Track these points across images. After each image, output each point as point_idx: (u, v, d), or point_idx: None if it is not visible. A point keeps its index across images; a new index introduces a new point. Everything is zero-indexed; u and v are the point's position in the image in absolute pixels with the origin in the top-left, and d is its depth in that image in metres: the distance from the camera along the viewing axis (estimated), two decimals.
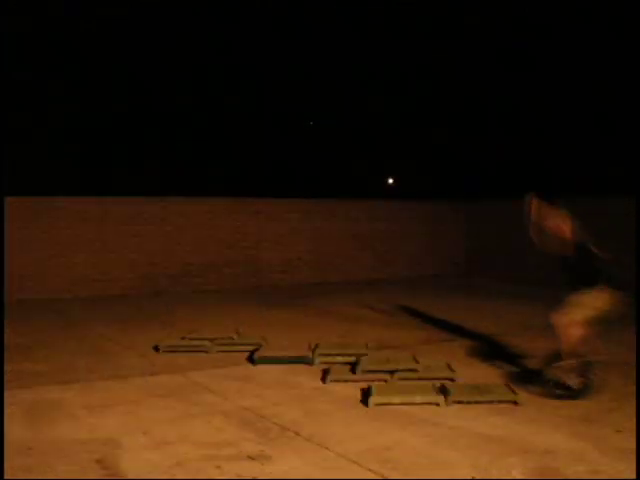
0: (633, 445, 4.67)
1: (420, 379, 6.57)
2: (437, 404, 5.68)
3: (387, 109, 26.07)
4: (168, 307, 12.30)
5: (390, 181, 31.70)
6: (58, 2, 20.94)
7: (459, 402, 5.73)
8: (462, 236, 19.16)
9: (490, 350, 8.20)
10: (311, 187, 22.48)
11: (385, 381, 6.50)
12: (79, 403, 5.87)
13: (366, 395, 5.88)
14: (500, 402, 5.75)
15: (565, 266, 5.90)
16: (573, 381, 5.90)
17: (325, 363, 7.25)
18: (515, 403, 5.72)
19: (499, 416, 5.42)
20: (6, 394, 5.99)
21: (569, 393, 5.91)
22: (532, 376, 6.41)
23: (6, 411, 5.38)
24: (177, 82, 24.30)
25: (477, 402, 5.74)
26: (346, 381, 6.56)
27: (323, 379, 6.63)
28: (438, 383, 6.21)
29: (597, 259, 5.74)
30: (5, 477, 4.11)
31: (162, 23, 23.33)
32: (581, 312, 5.71)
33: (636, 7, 17.96)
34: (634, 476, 4.19)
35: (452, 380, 6.47)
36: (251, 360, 7.52)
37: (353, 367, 6.87)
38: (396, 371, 6.68)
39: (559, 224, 5.86)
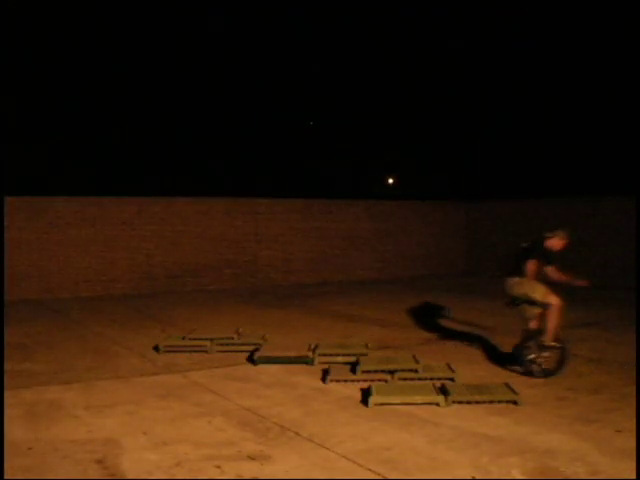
0: (633, 445, 4.67)
1: (420, 379, 6.57)
2: (437, 404, 5.68)
3: (387, 109, 26.06)
4: (168, 307, 12.30)
5: (390, 181, 31.71)
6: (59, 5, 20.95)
7: (459, 402, 5.73)
8: (462, 236, 19.16)
9: (490, 350, 8.19)
10: (311, 187, 22.48)
11: (385, 381, 6.49)
12: (79, 403, 5.87)
13: (366, 395, 5.87)
14: (500, 402, 5.75)
15: None
16: (547, 361, 6.77)
17: (325, 363, 7.25)
18: (515, 403, 5.72)
19: (499, 416, 5.42)
20: (6, 394, 5.98)
21: (543, 372, 6.72)
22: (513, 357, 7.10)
23: (6, 411, 5.37)
24: (177, 82, 24.30)
25: (477, 402, 5.74)
26: (346, 381, 6.55)
27: (323, 379, 6.63)
28: (438, 383, 6.21)
29: None
30: (5, 477, 4.11)
31: (162, 23, 23.33)
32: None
33: (635, 7, 17.96)
34: (634, 476, 4.19)
35: (452, 380, 6.47)
36: (251, 360, 7.52)
37: (353, 367, 6.87)
38: (396, 371, 6.68)
39: None
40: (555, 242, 6.95)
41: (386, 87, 26.15)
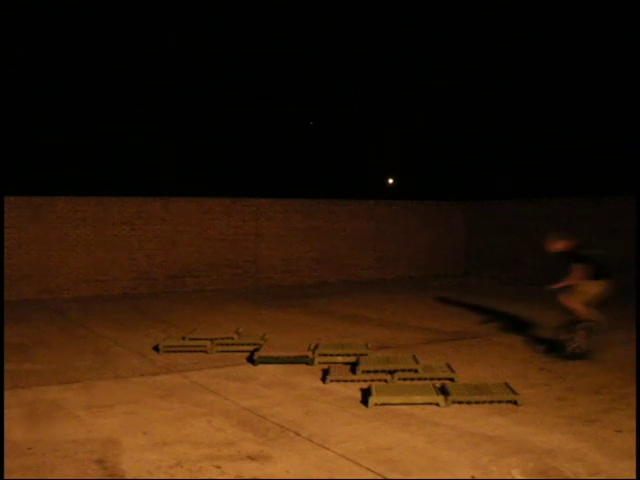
0: (633, 445, 4.67)
1: (420, 379, 6.57)
2: (437, 404, 5.68)
3: (387, 109, 26.06)
4: (168, 307, 12.30)
5: (390, 181, 31.71)
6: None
7: (459, 402, 5.73)
8: (462, 236, 19.16)
9: (490, 350, 8.19)
10: (311, 187, 22.49)
11: (385, 381, 6.50)
12: (79, 403, 5.87)
13: (366, 395, 5.87)
14: (500, 402, 5.75)
15: None
16: (581, 341, 7.54)
17: (325, 363, 7.25)
18: (515, 403, 5.72)
19: (499, 416, 5.42)
20: (6, 394, 5.98)
21: (578, 352, 7.48)
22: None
23: (6, 411, 5.37)
24: (177, 82, 24.31)
25: (477, 402, 5.74)
26: (346, 381, 6.55)
27: (323, 379, 6.63)
28: (438, 383, 6.21)
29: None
30: (5, 477, 4.11)
31: (164, 23, 23.32)
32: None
33: (636, 7, 17.96)
34: (634, 476, 4.19)
35: (452, 380, 6.47)
36: (251, 360, 7.52)
37: (353, 367, 6.87)
38: (396, 371, 6.68)
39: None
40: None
41: (386, 86, 26.16)
